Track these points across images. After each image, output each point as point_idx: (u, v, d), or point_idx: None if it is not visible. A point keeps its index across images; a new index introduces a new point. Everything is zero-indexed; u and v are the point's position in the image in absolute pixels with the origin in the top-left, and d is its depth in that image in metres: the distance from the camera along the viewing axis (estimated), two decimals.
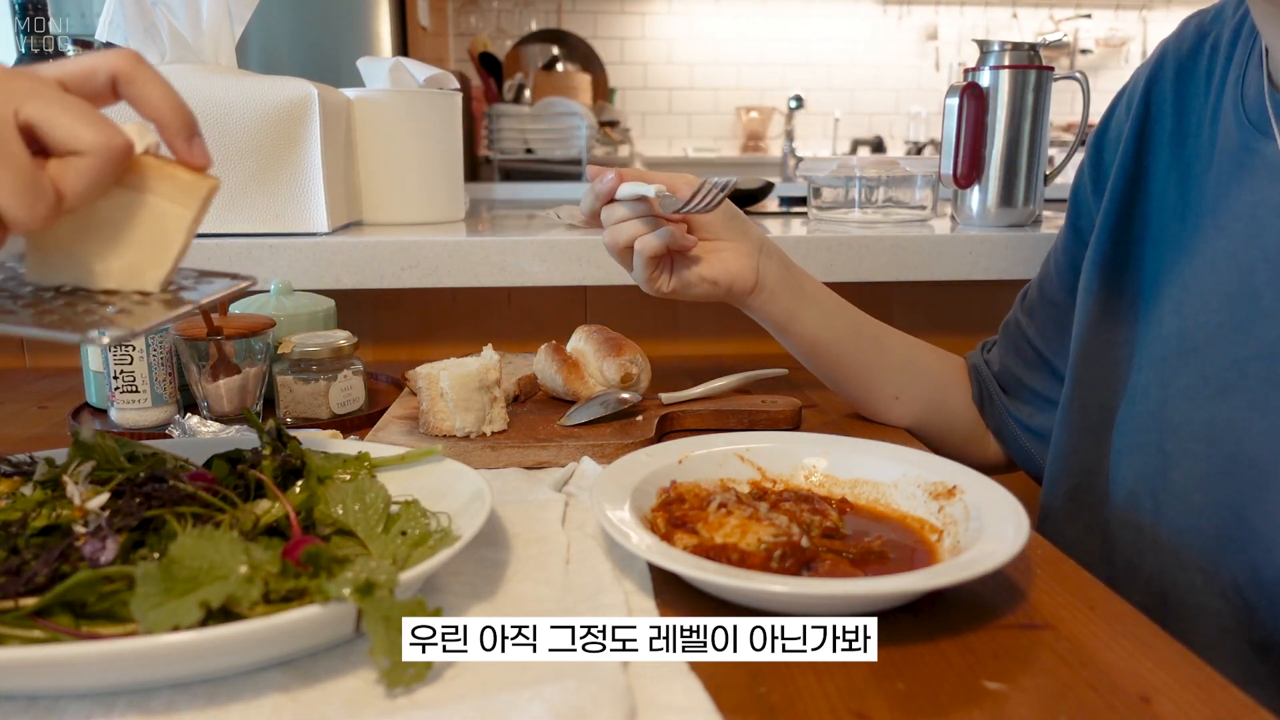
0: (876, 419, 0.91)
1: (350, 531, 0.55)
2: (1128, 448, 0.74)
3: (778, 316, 0.84)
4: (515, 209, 1.68)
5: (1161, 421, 0.71)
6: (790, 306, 0.83)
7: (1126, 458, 0.74)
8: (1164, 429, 0.70)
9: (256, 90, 1.08)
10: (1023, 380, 0.89)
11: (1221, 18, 0.75)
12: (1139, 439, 0.73)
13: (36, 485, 0.52)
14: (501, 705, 0.41)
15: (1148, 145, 0.77)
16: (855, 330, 0.87)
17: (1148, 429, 0.72)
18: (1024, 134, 1.17)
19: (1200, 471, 0.67)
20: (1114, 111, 0.83)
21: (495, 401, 0.80)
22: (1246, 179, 0.67)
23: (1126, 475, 0.74)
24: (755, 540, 0.56)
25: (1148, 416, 0.72)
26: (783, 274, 0.83)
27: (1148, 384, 0.73)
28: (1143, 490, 0.72)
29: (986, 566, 0.50)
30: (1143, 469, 0.72)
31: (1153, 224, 0.75)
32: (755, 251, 0.81)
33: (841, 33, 4.59)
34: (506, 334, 1.24)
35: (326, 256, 1.08)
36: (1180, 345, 0.70)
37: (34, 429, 0.91)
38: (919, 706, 0.43)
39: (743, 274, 0.80)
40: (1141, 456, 0.72)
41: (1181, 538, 0.68)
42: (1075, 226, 0.85)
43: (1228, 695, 0.44)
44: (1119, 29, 4.65)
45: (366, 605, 0.43)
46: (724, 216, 0.80)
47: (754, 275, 0.81)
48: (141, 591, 0.43)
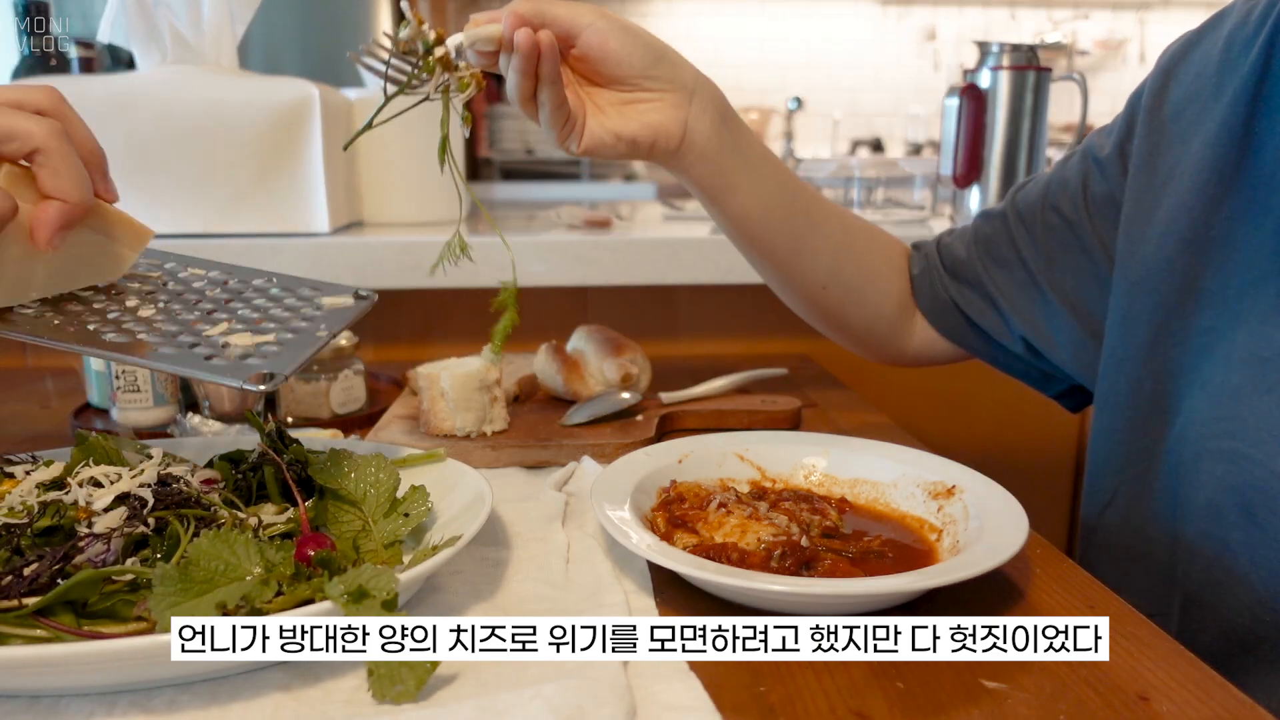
0: (794, 308, 0.85)
1: (356, 504, 0.56)
2: (1209, 451, 0.64)
3: (707, 183, 0.72)
4: (515, 209, 1.68)
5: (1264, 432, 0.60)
6: (723, 172, 0.72)
7: (1207, 463, 0.64)
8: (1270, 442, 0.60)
9: (258, 91, 1.08)
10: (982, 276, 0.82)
11: None
12: (1225, 444, 0.63)
13: (40, 486, 0.52)
14: (501, 705, 0.41)
15: (1261, 107, 0.64)
16: (791, 205, 0.77)
17: (1235, 434, 0.62)
18: (1023, 134, 1.18)
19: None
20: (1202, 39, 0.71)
21: (495, 401, 0.80)
22: None
23: (1207, 480, 0.64)
24: (755, 540, 0.57)
25: (1236, 421, 0.62)
26: (718, 131, 0.71)
27: (1241, 386, 0.62)
28: (1229, 502, 0.62)
29: (986, 566, 0.50)
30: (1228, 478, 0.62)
31: (1255, 202, 0.63)
32: (685, 103, 0.69)
33: (841, 33, 4.59)
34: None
35: (327, 256, 1.09)
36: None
37: (36, 429, 0.91)
38: (918, 705, 0.44)
39: (666, 129, 0.68)
40: (1226, 465, 0.62)
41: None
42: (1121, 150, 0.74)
43: (1226, 694, 0.44)
44: (1117, 30, 4.65)
45: (354, 613, 0.43)
46: (648, 57, 0.67)
47: (680, 131, 0.69)
48: (159, 592, 0.43)
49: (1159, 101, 0.72)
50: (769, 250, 0.79)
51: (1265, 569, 0.60)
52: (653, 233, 1.21)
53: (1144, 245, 0.70)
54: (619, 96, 0.68)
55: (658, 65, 0.68)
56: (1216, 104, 0.67)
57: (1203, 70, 0.69)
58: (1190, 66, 0.71)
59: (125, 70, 1.19)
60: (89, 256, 0.56)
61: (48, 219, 0.49)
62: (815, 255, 0.79)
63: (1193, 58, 0.71)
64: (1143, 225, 0.70)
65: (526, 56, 0.63)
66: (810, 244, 0.78)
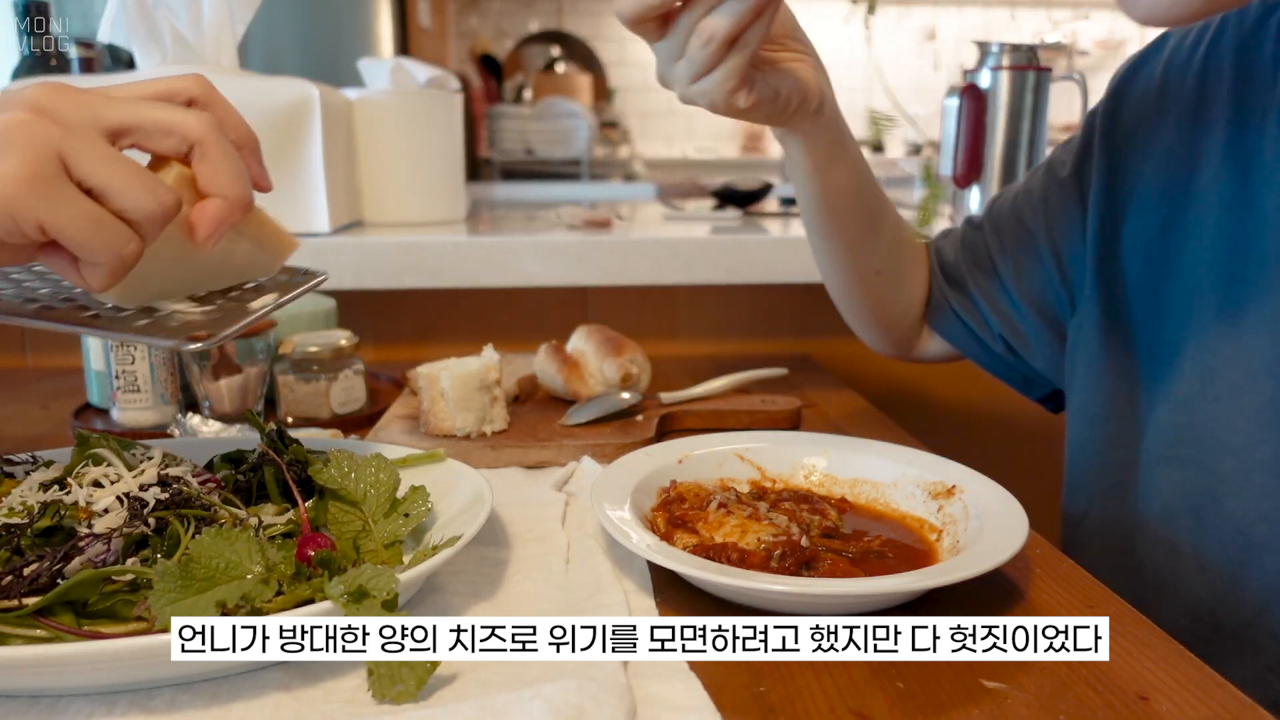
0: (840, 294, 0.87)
1: (356, 504, 0.56)
2: (1163, 459, 0.68)
3: (824, 150, 0.73)
4: (515, 209, 1.68)
5: (1210, 439, 0.64)
6: (838, 142, 0.73)
7: (1162, 469, 0.68)
8: (1217, 447, 0.63)
9: (258, 91, 1.08)
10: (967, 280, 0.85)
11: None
12: (1177, 451, 0.66)
13: (40, 486, 0.52)
14: (501, 704, 0.41)
15: (1202, 129, 0.67)
16: (872, 185, 0.79)
17: (1186, 441, 0.66)
18: (1023, 134, 1.18)
19: (1269, 505, 0.61)
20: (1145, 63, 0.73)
21: (495, 401, 0.80)
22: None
23: (1161, 487, 0.68)
24: (755, 540, 0.57)
25: (1188, 429, 0.66)
26: (833, 97, 0.71)
27: (1190, 394, 0.65)
28: (1180, 507, 0.66)
29: (986, 566, 0.50)
30: (1182, 484, 0.66)
31: (1200, 218, 0.66)
32: (819, 65, 0.69)
33: (840, 33, 4.59)
34: (506, 334, 1.24)
35: (327, 256, 1.09)
36: (1245, 362, 0.62)
37: (36, 429, 0.91)
38: (918, 705, 0.44)
39: (813, 88, 0.67)
40: (1180, 471, 0.66)
41: (1238, 570, 0.62)
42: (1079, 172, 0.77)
43: (1226, 694, 0.44)
44: (1117, 30, 4.65)
45: (354, 612, 0.43)
46: (792, 19, 0.67)
47: (819, 92, 0.68)
48: (159, 588, 0.43)
49: (1112, 124, 0.75)
50: (847, 227, 0.79)
51: (1212, 570, 0.64)
52: (653, 233, 1.21)
53: (1113, 264, 0.73)
54: (768, 55, 0.66)
55: (798, 28, 0.68)
56: (1163, 127, 0.70)
57: (1147, 94, 0.72)
58: (1137, 89, 0.74)
59: (125, 70, 1.19)
60: (236, 260, 0.55)
61: (208, 216, 0.47)
62: (879, 237, 0.81)
63: (1138, 81, 0.74)
64: (1112, 245, 0.74)
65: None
66: (879, 225, 0.80)
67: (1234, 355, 0.63)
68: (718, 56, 0.59)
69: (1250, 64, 0.65)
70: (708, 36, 0.57)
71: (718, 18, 0.57)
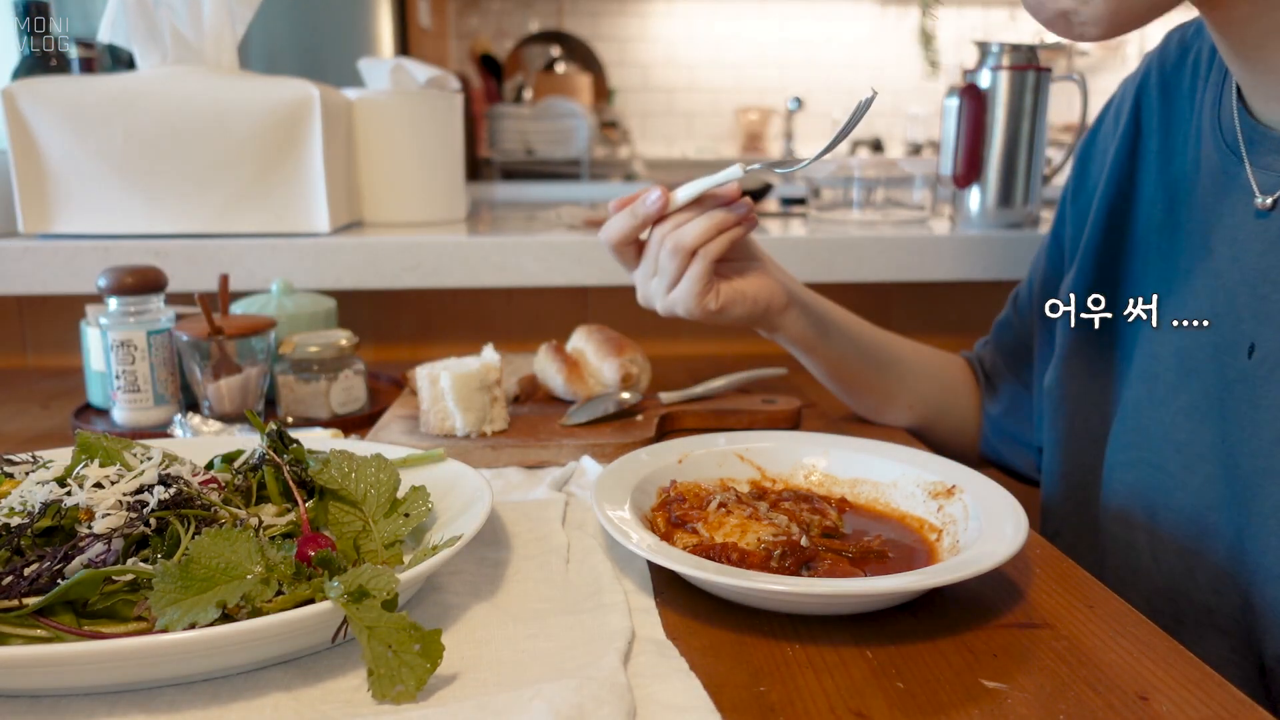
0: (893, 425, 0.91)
1: (356, 504, 0.56)
2: (1120, 463, 0.73)
3: (807, 334, 0.81)
4: (516, 209, 1.68)
5: (1159, 439, 0.69)
6: (818, 323, 0.81)
7: (1119, 473, 0.73)
8: (1164, 447, 0.69)
9: (258, 91, 1.08)
10: (1004, 376, 0.90)
11: (1202, 32, 0.72)
12: (1132, 454, 0.72)
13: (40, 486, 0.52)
14: (501, 704, 0.41)
15: (1138, 162, 0.76)
16: (871, 341, 0.86)
17: (1139, 444, 0.71)
18: (1022, 134, 1.18)
19: (1214, 493, 0.65)
20: (1101, 124, 0.82)
21: (495, 401, 0.80)
22: (1226, 201, 0.66)
23: (1119, 489, 0.73)
24: (755, 539, 0.57)
25: (1139, 432, 0.71)
26: (801, 290, 0.81)
27: (1139, 400, 0.72)
28: (1136, 505, 0.71)
29: (985, 566, 0.50)
30: (1136, 484, 0.71)
31: (1141, 241, 0.74)
32: (777, 270, 0.79)
33: (841, 34, 4.59)
34: (506, 334, 1.24)
35: (327, 257, 1.09)
36: (1179, 364, 0.68)
37: (37, 428, 0.91)
38: (918, 705, 0.44)
39: (775, 291, 0.77)
40: (1134, 472, 0.72)
41: (1192, 558, 0.67)
42: (1056, 235, 0.85)
43: (1225, 694, 0.44)
44: None
45: (354, 612, 0.43)
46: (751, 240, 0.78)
47: (784, 292, 0.78)
48: (159, 588, 0.43)
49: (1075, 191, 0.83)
50: (859, 381, 0.87)
51: (1167, 561, 0.69)
52: None
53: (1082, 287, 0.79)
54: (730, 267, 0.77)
55: (749, 241, 0.78)
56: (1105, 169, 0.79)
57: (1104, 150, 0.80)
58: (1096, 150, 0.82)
59: (125, 70, 1.19)
60: None
61: None
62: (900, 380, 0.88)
63: (1096, 142, 0.82)
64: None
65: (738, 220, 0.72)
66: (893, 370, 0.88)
67: (1169, 358, 0.69)
68: (683, 264, 0.72)
69: (1173, 99, 0.74)
70: (673, 247, 0.71)
71: (681, 229, 0.71)
